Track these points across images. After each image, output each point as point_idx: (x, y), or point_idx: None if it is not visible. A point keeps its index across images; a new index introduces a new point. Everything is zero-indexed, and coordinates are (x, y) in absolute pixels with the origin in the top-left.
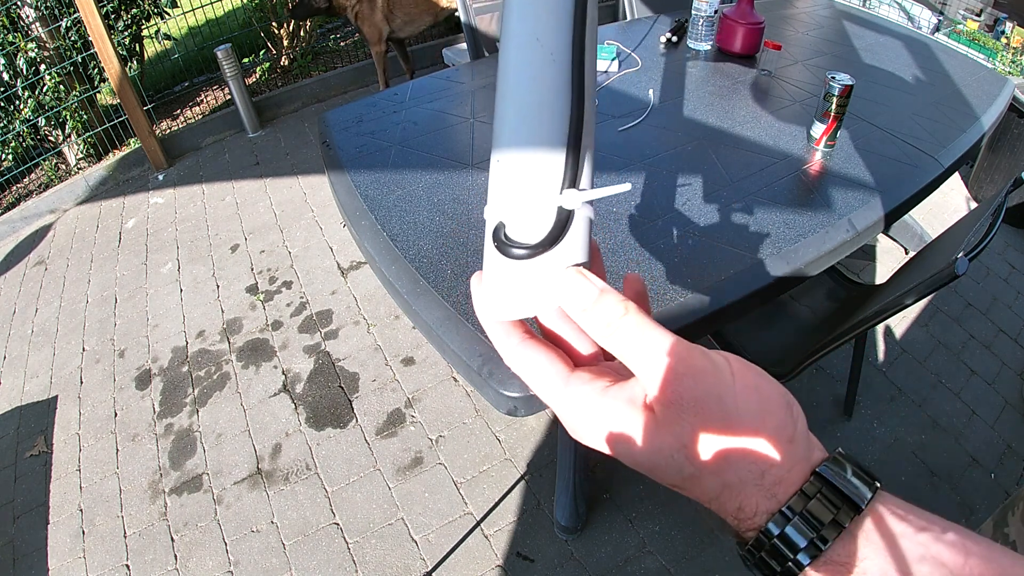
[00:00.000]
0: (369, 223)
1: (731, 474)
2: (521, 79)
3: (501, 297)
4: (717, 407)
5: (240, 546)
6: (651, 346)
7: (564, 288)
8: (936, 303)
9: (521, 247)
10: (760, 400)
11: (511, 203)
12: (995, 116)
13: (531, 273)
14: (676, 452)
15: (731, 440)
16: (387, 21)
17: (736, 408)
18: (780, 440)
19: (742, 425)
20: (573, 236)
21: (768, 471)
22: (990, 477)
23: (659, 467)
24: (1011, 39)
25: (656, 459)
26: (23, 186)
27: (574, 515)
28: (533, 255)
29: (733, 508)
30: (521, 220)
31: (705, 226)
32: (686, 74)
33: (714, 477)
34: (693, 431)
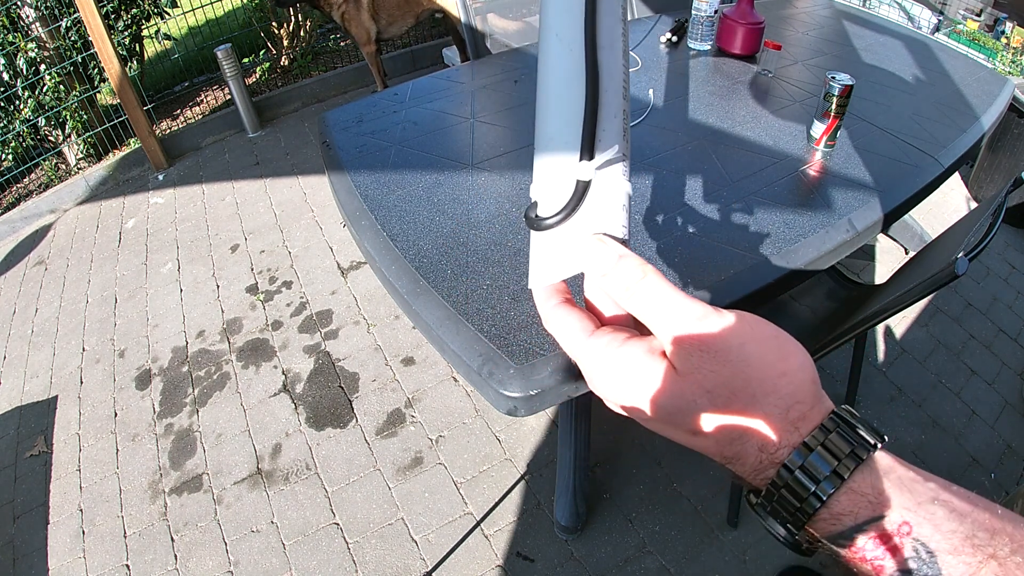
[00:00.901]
0: (369, 223)
1: (757, 411)
2: (546, 72)
3: (537, 265)
4: (738, 352)
5: (240, 546)
6: (670, 305)
7: (586, 253)
8: (936, 303)
9: (545, 218)
10: (779, 345)
11: (541, 182)
12: (995, 116)
13: (558, 241)
14: (700, 397)
15: (757, 380)
16: (374, 21)
17: (759, 352)
18: (803, 378)
19: (766, 366)
20: (598, 206)
21: (793, 406)
22: (990, 477)
23: (679, 414)
24: (1011, 39)
25: (678, 404)
26: (23, 186)
27: (574, 515)
28: (556, 224)
29: (756, 446)
30: (549, 196)
31: (705, 226)
32: (686, 74)
33: (739, 417)
34: (716, 376)
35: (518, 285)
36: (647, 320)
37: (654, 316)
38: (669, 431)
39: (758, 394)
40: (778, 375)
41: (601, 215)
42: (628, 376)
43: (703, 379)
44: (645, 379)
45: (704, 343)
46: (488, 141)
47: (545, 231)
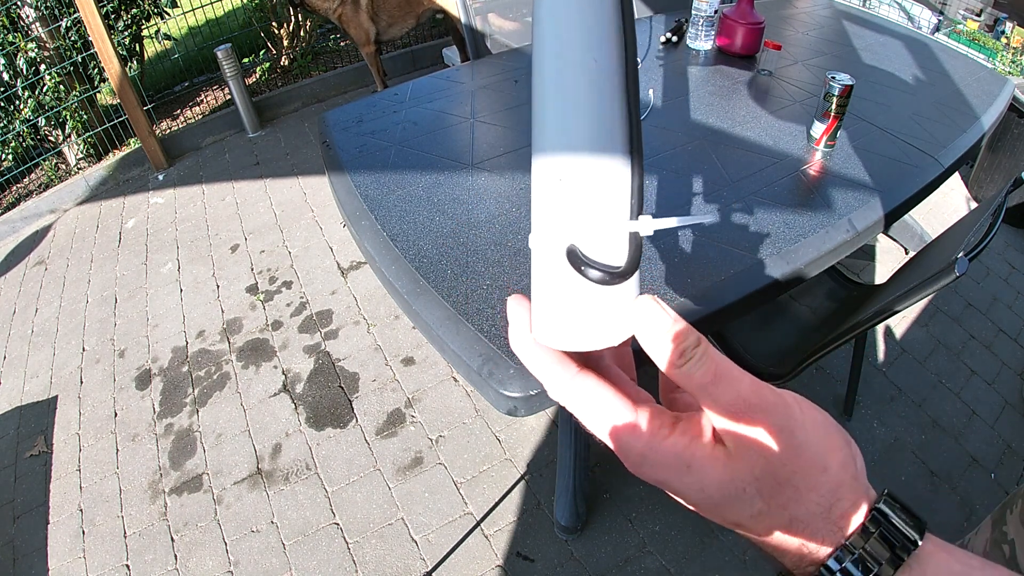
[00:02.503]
0: (369, 223)
1: (800, 508)
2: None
3: (568, 325)
4: (789, 441)
5: (240, 546)
6: (726, 379)
7: (641, 316)
8: (936, 303)
9: (604, 270)
10: (827, 435)
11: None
12: (995, 116)
13: (607, 300)
14: (749, 485)
15: (802, 474)
16: (373, 22)
17: (807, 442)
18: (846, 475)
19: (812, 459)
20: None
21: (835, 505)
22: (990, 477)
23: (729, 502)
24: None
25: (729, 492)
26: (23, 186)
27: (574, 515)
28: (616, 281)
29: (796, 545)
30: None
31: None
32: (686, 74)
33: (783, 512)
34: (767, 463)
35: (518, 285)
36: (699, 392)
37: (708, 389)
38: (712, 517)
39: (802, 488)
40: (821, 470)
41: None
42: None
43: (753, 464)
44: (697, 464)
45: (760, 425)
46: (488, 141)
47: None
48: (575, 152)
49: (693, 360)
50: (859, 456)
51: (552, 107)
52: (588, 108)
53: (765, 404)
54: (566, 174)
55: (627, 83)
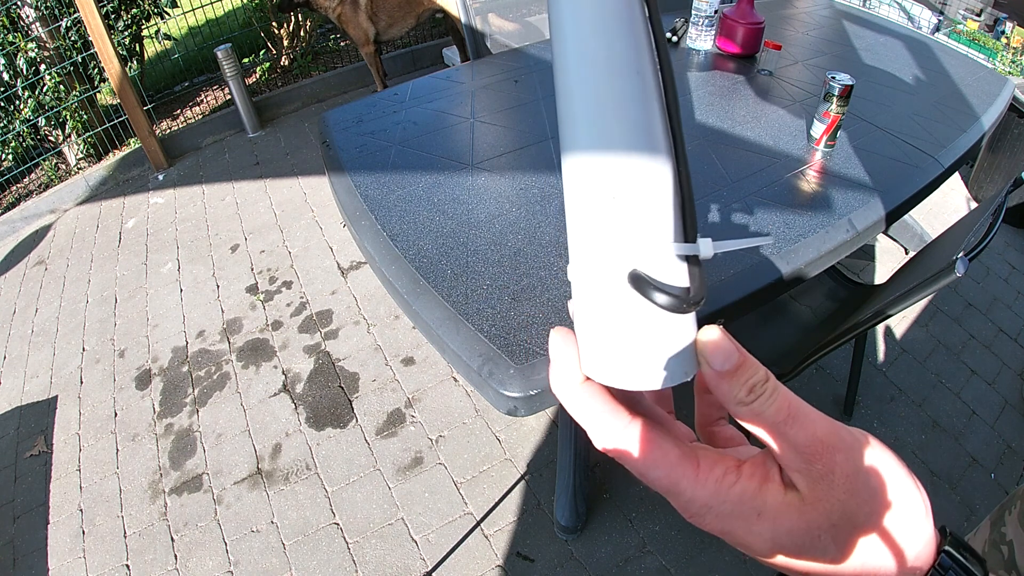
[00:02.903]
0: (369, 223)
1: (875, 558)
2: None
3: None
4: (866, 482)
5: (240, 546)
6: (800, 418)
7: (709, 349)
8: (936, 303)
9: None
10: (900, 477)
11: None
12: (995, 116)
13: (671, 332)
14: (824, 532)
15: (877, 514)
16: (372, 22)
17: (880, 487)
18: (920, 516)
19: (890, 501)
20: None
21: (911, 545)
22: (990, 477)
23: (802, 549)
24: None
25: (803, 540)
26: (23, 186)
27: (574, 515)
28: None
29: None
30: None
31: (705, 226)
32: (686, 74)
33: (855, 559)
34: (844, 508)
35: (518, 285)
36: (771, 431)
37: (781, 429)
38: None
39: (879, 538)
40: (898, 514)
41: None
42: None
43: (830, 509)
44: (770, 514)
45: (837, 463)
46: (488, 141)
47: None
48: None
49: (764, 397)
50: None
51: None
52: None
53: (843, 445)
54: (620, 192)
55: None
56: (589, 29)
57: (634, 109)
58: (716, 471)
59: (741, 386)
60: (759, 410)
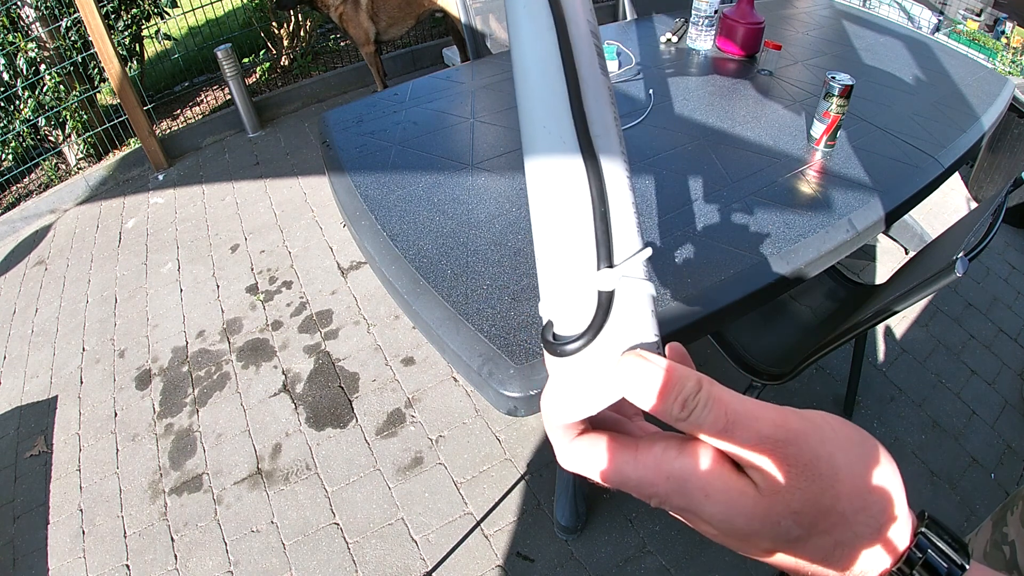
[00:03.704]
0: (369, 223)
1: (847, 531)
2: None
3: (562, 397)
4: (829, 466)
5: (240, 546)
6: (742, 415)
7: (626, 376)
8: (936, 303)
9: (567, 341)
10: (867, 452)
11: (554, 296)
12: (995, 116)
13: (585, 367)
14: (785, 519)
15: (847, 498)
16: (373, 22)
17: (847, 462)
18: (894, 491)
19: (857, 480)
20: (625, 317)
21: (885, 524)
22: (990, 477)
23: (759, 535)
24: (1011, 39)
25: (758, 528)
26: (23, 186)
27: (574, 515)
28: (579, 349)
29: (840, 568)
30: (566, 312)
31: (705, 226)
32: (686, 74)
33: (826, 536)
34: (805, 496)
35: (518, 285)
36: (715, 438)
37: (724, 432)
38: (741, 548)
39: (848, 512)
40: (868, 489)
41: (631, 325)
42: (697, 493)
43: (790, 499)
44: (720, 498)
45: (790, 455)
46: (488, 141)
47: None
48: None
49: (698, 408)
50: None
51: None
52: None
53: (793, 436)
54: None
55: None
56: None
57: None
58: (655, 449)
59: (672, 403)
60: (697, 422)
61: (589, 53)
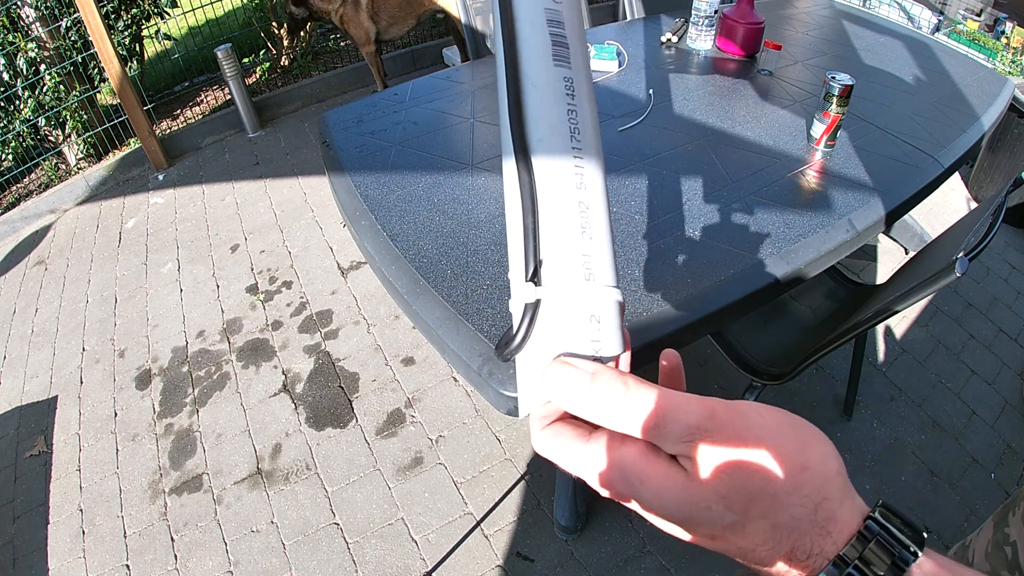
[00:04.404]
0: (369, 223)
1: (782, 513)
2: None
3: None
4: (754, 450)
5: (240, 546)
6: (667, 409)
7: (551, 382)
8: (936, 303)
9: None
10: (798, 435)
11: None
12: (995, 116)
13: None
14: (715, 504)
15: (777, 480)
16: (373, 22)
17: (778, 446)
18: (829, 469)
19: (787, 460)
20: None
21: (821, 504)
22: (990, 477)
23: (694, 520)
24: (1011, 39)
25: (689, 512)
26: (23, 186)
27: (574, 515)
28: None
29: (783, 552)
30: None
31: (705, 226)
32: (686, 74)
33: (761, 520)
34: (732, 481)
35: None
36: (643, 434)
37: (651, 427)
38: (688, 536)
39: (780, 494)
40: (799, 469)
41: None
42: (635, 480)
43: (717, 484)
44: (654, 485)
45: (717, 444)
46: (488, 141)
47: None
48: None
49: (625, 410)
50: (840, 459)
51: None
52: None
53: (717, 424)
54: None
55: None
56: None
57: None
58: (601, 442)
59: (598, 407)
60: (624, 418)
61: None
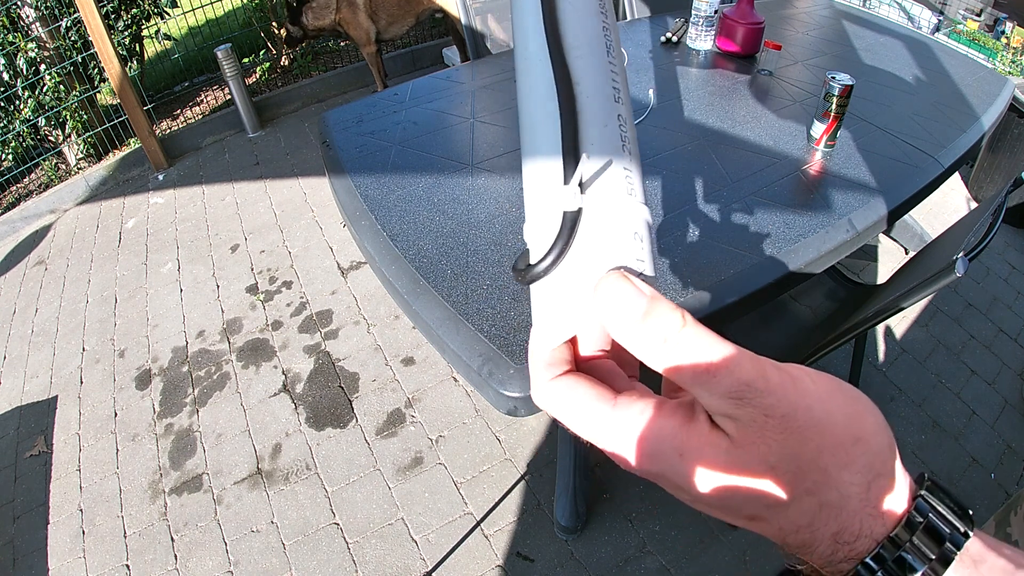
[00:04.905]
0: (369, 223)
1: (832, 492)
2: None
3: (538, 325)
4: (807, 418)
5: (240, 546)
6: (721, 360)
7: (605, 298)
8: (936, 303)
9: (532, 266)
10: (850, 402)
11: (533, 220)
12: (995, 116)
13: (561, 290)
14: (761, 474)
15: (830, 451)
16: (372, 21)
17: (829, 415)
18: (881, 445)
19: (840, 431)
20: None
21: (874, 481)
22: (990, 477)
23: (738, 495)
24: (1011, 39)
25: (735, 485)
26: (23, 186)
27: (574, 515)
28: (547, 271)
29: (829, 533)
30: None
31: (705, 226)
32: (686, 74)
33: (809, 498)
34: (783, 449)
35: (518, 285)
36: (690, 379)
37: (702, 372)
38: (722, 513)
39: (831, 467)
40: (853, 441)
41: (610, 249)
42: (671, 452)
43: (766, 451)
44: (694, 455)
45: (767, 406)
46: (488, 141)
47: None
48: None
49: (680, 345)
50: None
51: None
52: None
53: (770, 385)
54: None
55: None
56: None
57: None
58: (633, 408)
59: (652, 336)
60: (677, 360)
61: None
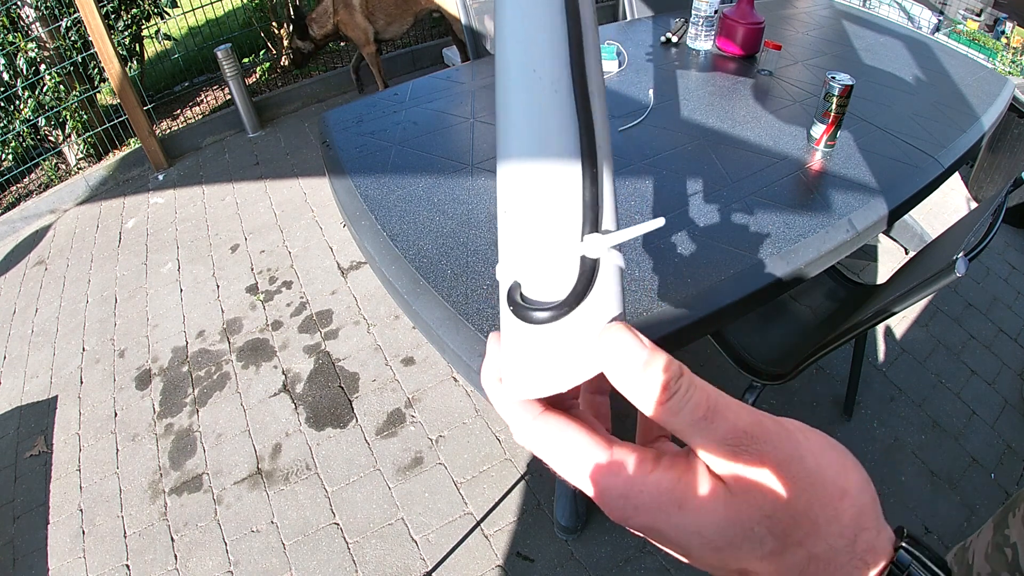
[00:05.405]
0: (369, 223)
1: (820, 543)
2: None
3: (525, 370)
4: (800, 468)
5: (240, 546)
6: (720, 412)
7: (610, 349)
8: (936, 303)
9: (542, 308)
10: (837, 459)
11: (525, 258)
12: (995, 116)
13: (559, 338)
14: (758, 524)
15: (820, 503)
16: (370, 21)
17: (820, 468)
18: (867, 498)
19: (829, 485)
20: (604, 289)
21: (860, 535)
22: (990, 477)
23: (733, 545)
24: (1011, 39)
25: (732, 534)
26: (23, 186)
27: (574, 515)
28: (558, 316)
29: None
30: (539, 276)
31: (705, 226)
32: (686, 74)
33: (799, 549)
34: (777, 498)
35: None
36: (688, 426)
37: (699, 425)
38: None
39: (820, 520)
40: (840, 495)
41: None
42: (669, 503)
43: (762, 500)
44: (693, 506)
45: (763, 453)
46: (488, 141)
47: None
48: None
49: (680, 392)
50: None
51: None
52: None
53: (766, 434)
54: (508, 204)
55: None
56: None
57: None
58: (630, 460)
59: (653, 387)
60: (677, 407)
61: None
